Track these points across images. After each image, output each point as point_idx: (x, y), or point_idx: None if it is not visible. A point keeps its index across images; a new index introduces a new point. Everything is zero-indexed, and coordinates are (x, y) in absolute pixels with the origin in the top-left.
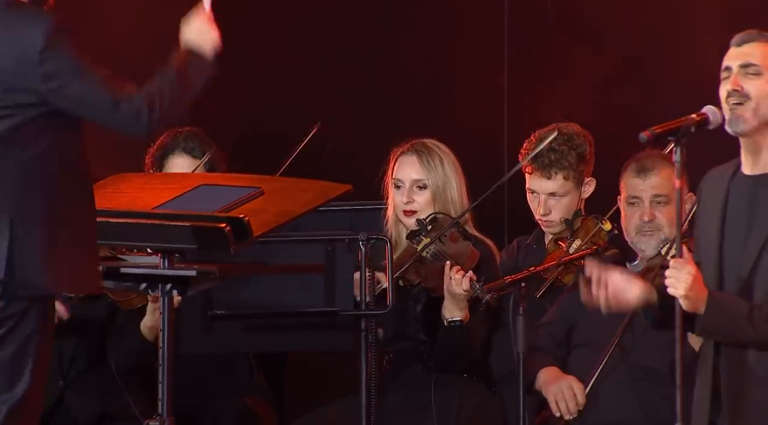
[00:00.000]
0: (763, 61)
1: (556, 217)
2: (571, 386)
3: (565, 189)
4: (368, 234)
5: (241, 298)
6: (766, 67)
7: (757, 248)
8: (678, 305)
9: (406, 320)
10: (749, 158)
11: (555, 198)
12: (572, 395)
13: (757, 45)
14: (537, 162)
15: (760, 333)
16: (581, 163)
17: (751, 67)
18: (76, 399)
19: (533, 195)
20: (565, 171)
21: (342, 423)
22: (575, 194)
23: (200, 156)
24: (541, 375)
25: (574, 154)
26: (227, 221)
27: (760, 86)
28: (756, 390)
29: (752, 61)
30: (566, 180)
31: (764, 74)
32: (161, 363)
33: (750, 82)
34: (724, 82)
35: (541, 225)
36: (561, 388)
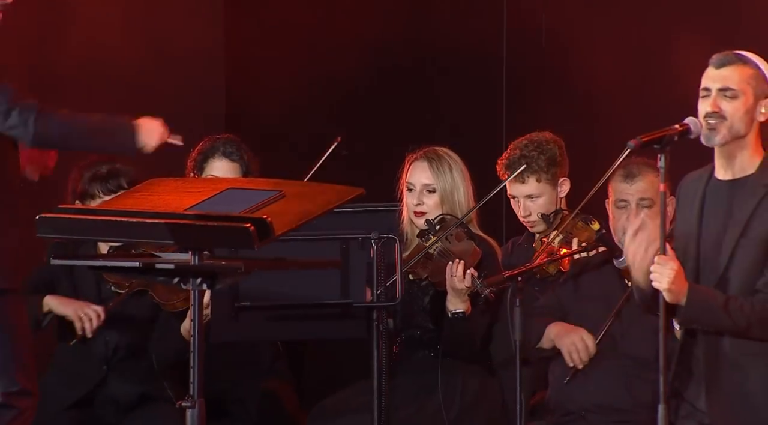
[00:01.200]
0: (740, 85)
1: (536, 217)
2: (582, 337)
3: (540, 191)
4: (379, 233)
5: (264, 291)
6: (742, 91)
7: (731, 246)
8: (662, 297)
9: (414, 310)
10: (723, 165)
11: (532, 200)
12: (584, 346)
13: (735, 68)
14: (511, 170)
15: (735, 321)
16: (552, 166)
17: (728, 91)
18: (117, 382)
19: (514, 200)
20: (536, 174)
21: (356, 405)
22: (551, 194)
23: (237, 159)
24: (551, 328)
25: (543, 158)
26: (252, 222)
27: (736, 108)
28: (731, 372)
29: (730, 86)
30: (539, 182)
31: (740, 97)
32: (193, 350)
33: (727, 103)
34: (703, 100)
35: (526, 226)
36: (573, 340)
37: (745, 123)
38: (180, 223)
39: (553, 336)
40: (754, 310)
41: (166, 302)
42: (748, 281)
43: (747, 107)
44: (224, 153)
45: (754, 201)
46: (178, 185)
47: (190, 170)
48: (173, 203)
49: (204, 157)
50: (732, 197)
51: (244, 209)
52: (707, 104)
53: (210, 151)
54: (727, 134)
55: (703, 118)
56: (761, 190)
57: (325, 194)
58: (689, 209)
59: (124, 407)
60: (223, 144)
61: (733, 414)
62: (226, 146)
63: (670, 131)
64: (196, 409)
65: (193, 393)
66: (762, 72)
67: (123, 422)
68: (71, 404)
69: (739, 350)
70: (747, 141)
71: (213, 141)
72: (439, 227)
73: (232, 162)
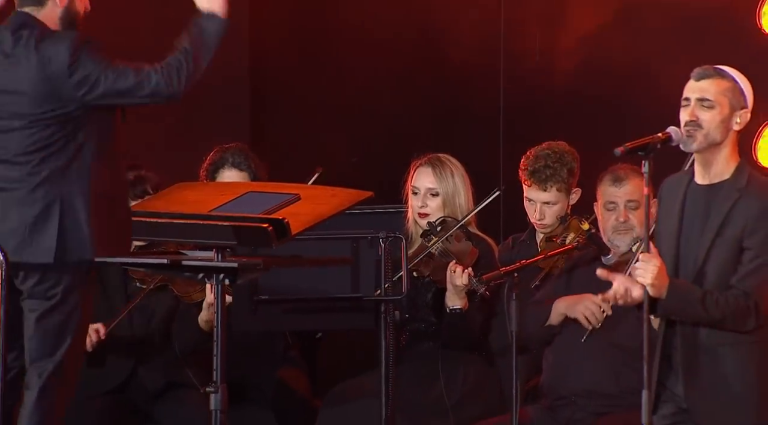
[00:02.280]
0: (716, 97)
1: (549, 221)
2: (592, 301)
3: (557, 198)
4: (387, 233)
5: (281, 285)
6: (718, 102)
7: (707, 245)
8: (645, 291)
9: (418, 305)
10: (701, 170)
11: (548, 206)
12: (597, 307)
13: (713, 81)
14: (535, 177)
15: (711, 314)
16: (571, 177)
17: (706, 102)
18: (146, 372)
19: (530, 203)
20: (558, 184)
21: (366, 391)
22: (565, 202)
23: (246, 169)
24: (559, 303)
25: (565, 170)
26: (270, 222)
27: (712, 117)
28: (706, 360)
29: (707, 97)
30: (559, 192)
31: (716, 107)
32: (215, 340)
33: (704, 113)
34: (683, 109)
35: (536, 227)
36: (585, 305)
37: (721, 131)
38: (205, 223)
39: (564, 309)
40: (728, 304)
41: (184, 294)
42: (723, 277)
43: (723, 116)
44: (233, 163)
45: (728, 204)
46: (203, 188)
47: (203, 179)
48: (199, 205)
49: (215, 167)
50: (709, 200)
51: (263, 211)
52: (687, 113)
53: (220, 161)
54: (702, 140)
55: (683, 125)
56: (735, 194)
57: (337, 197)
58: (671, 210)
59: (153, 394)
60: (231, 154)
61: (708, 398)
62: (235, 156)
63: (653, 139)
64: (219, 394)
65: (216, 379)
66: (739, 85)
67: (153, 407)
68: (106, 391)
69: (714, 340)
70: (723, 148)
71: (222, 151)
72: (441, 229)
73: (241, 171)
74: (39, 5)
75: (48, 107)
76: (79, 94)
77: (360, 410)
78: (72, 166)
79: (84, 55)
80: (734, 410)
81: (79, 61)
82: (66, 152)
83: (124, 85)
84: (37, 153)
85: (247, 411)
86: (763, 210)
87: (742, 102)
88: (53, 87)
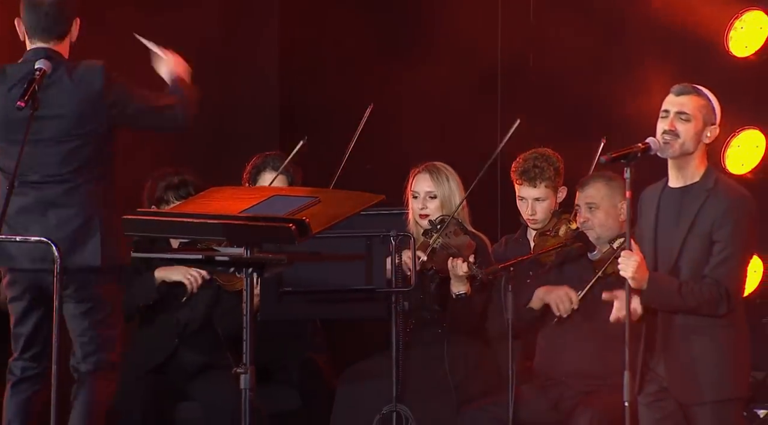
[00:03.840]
0: (693, 112)
1: (540, 217)
2: (566, 292)
3: (546, 195)
4: (397, 232)
5: (303, 278)
6: (694, 116)
7: (681, 240)
8: (627, 283)
9: (424, 295)
10: (674, 175)
11: (539, 202)
12: (568, 298)
13: (691, 97)
14: (525, 176)
15: (687, 302)
16: (557, 176)
17: (684, 115)
18: (186, 352)
19: (522, 201)
20: (546, 181)
21: (378, 372)
22: (553, 199)
23: (284, 172)
24: (539, 290)
25: (552, 168)
26: (293, 222)
27: (688, 129)
28: (682, 342)
29: (685, 111)
30: (547, 188)
31: (692, 121)
32: (246, 326)
33: (681, 125)
34: (662, 120)
35: (528, 224)
36: (559, 294)
37: (694, 143)
38: (235, 223)
39: (542, 295)
40: (702, 292)
41: (227, 283)
42: (696, 268)
43: (696, 129)
44: (273, 167)
45: (698, 204)
46: (233, 192)
47: (245, 181)
48: (229, 207)
49: (257, 170)
50: (681, 201)
51: (286, 212)
52: (665, 123)
53: (262, 165)
54: (678, 149)
55: (661, 134)
56: (704, 194)
57: (353, 200)
58: (648, 212)
59: (190, 373)
60: (272, 159)
61: (685, 376)
62: (275, 161)
63: (634, 148)
64: (248, 374)
65: (246, 362)
66: (712, 104)
67: (190, 385)
68: (148, 370)
69: (690, 324)
70: (694, 157)
71: (264, 157)
72: (440, 226)
73: (281, 174)
74: (60, 40)
75: (87, 127)
76: (111, 114)
77: (373, 389)
78: (105, 178)
79: (115, 81)
80: (709, 386)
81: (111, 85)
82: (98, 166)
83: (148, 111)
84: (76, 167)
85: (274, 390)
86: (728, 207)
87: (713, 119)
88: (92, 108)
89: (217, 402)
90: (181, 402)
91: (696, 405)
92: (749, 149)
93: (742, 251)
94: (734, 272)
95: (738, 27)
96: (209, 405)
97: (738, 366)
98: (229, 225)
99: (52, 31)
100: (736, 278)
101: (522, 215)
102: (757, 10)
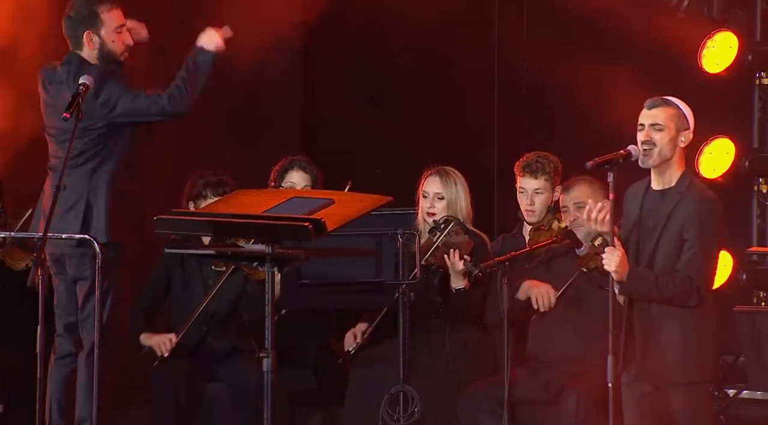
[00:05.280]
0: (665, 121)
1: (538, 208)
2: (547, 290)
3: (545, 188)
4: (403, 230)
5: (319, 272)
6: (666, 125)
7: (656, 238)
8: (610, 276)
9: (428, 288)
10: (656, 177)
11: (537, 194)
12: (548, 295)
13: (662, 109)
14: (527, 168)
15: (662, 294)
16: (555, 173)
17: (657, 126)
18: (214, 338)
19: (522, 193)
20: (546, 175)
21: (387, 356)
22: (550, 194)
23: (309, 171)
24: (525, 283)
25: (551, 165)
26: (310, 221)
27: (662, 137)
28: (658, 330)
29: (658, 121)
30: (546, 182)
31: (665, 129)
32: (267, 315)
33: (656, 134)
34: (639, 132)
35: (526, 215)
36: (540, 291)
37: (670, 148)
38: (258, 222)
39: (527, 288)
40: (676, 285)
41: (253, 273)
42: (669, 263)
43: (671, 136)
44: (299, 166)
45: (671, 205)
46: (256, 194)
47: (273, 180)
48: (253, 207)
49: (284, 169)
50: (660, 202)
51: (304, 212)
52: (642, 135)
53: (289, 165)
54: (657, 157)
55: (640, 145)
56: (677, 196)
57: (364, 201)
58: (632, 210)
59: (219, 357)
60: (298, 161)
61: (660, 360)
62: (301, 162)
63: (616, 155)
64: (269, 358)
65: (268, 347)
66: (682, 111)
67: (218, 368)
68: (181, 355)
69: (664, 314)
70: (673, 162)
71: (291, 159)
72: (444, 226)
73: (305, 173)
74: (79, 48)
75: (85, 124)
76: (103, 112)
77: (382, 371)
78: (98, 170)
79: (107, 82)
80: (680, 370)
81: (102, 86)
82: (94, 159)
83: (138, 106)
84: (76, 158)
85: (293, 373)
86: (697, 209)
87: (686, 124)
88: (87, 108)
89: (242, 383)
90: (210, 382)
91: (669, 387)
92: (720, 156)
93: (709, 248)
94: (703, 268)
95: (710, 46)
96: (235, 386)
97: (707, 352)
98: (253, 224)
99: (71, 40)
100: (704, 272)
101: (521, 206)
102: (727, 31)
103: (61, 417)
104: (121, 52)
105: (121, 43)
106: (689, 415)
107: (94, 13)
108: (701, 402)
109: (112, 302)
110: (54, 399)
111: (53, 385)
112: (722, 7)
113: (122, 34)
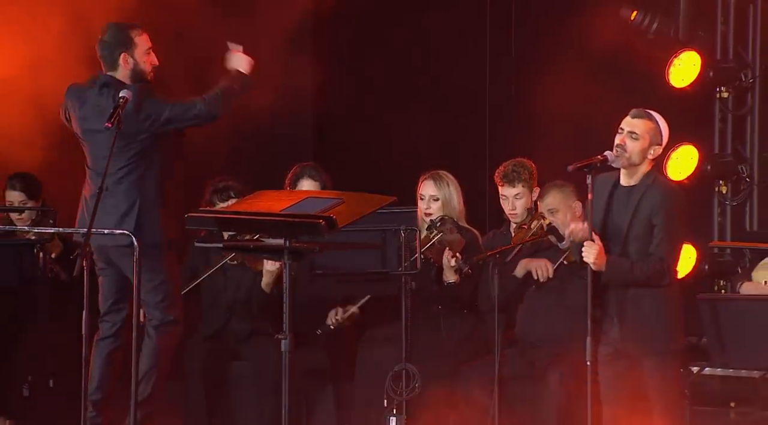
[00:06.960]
0: (642, 133)
1: (519, 211)
2: (545, 262)
3: (523, 193)
4: (405, 226)
5: (331, 263)
6: (642, 136)
7: (626, 226)
8: (589, 267)
9: (426, 278)
10: (625, 175)
11: (517, 199)
12: (546, 267)
13: (643, 121)
14: (506, 178)
15: (638, 278)
16: (531, 178)
17: (634, 134)
18: (236, 322)
19: (504, 199)
20: (522, 182)
21: (391, 338)
22: (529, 197)
23: (318, 180)
24: (522, 260)
25: (527, 172)
26: (323, 218)
27: (635, 146)
28: (634, 310)
29: (636, 131)
30: (524, 188)
31: (640, 140)
32: (285, 301)
33: (631, 142)
34: (618, 135)
35: (510, 218)
36: (539, 263)
37: (640, 158)
38: (276, 220)
39: (525, 263)
40: (649, 268)
41: (252, 265)
42: (641, 248)
43: (642, 147)
44: (309, 175)
45: (639, 196)
46: (275, 195)
47: (287, 186)
48: (272, 206)
49: (296, 177)
50: (628, 196)
51: (317, 210)
52: (618, 139)
53: (300, 173)
54: (625, 162)
55: (615, 147)
56: (644, 188)
57: (371, 201)
58: (600, 202)
59: (241, 339)
60: (309, 169)
61: (635, 333)
62: (311, 170)
63: (594, 159)
64: (287, 340)
65: (285, 330)
66: (660, 128)
67: (240, 348)
68: (207, 337)
69: (638, 292)
70: (640, 168)
71: (302, 167)
72: (439, 224)
73: (315, 181)
74: (114, 70)
75: (127, 139)
76: (146, 126)
77: (387, 351)
78: (145, 175)
79: (145, 98)
80: (654, 340)
81: (142, 102)
82: (141, 167)
83: (177, 113)
84: (123, 168)
85: (307, 352)
86: (662, 197)
87: (659, 140)
88: (128, 124)
89: (263, 362)
90: (235, 361)
91: (644, 356)
92: (685, 161)
93: (677, 231)
94: (672, 250)
95: (676, 64)
96: (257, 364)
97: (675, 325)
98: (272, 221)
99: (105, 62)
100: (674, 254)
101: (505, 211)
102: (691, 50)
103: (99, 389)
104: (150, 71)
105: (150, 63)
106: (660, 383)
107: (128, 37)
108: (671, 372)
109: (172, 290)
110: (95, 375)
111: (94, 363)
112: (687, 30)
113: (150, 55)
